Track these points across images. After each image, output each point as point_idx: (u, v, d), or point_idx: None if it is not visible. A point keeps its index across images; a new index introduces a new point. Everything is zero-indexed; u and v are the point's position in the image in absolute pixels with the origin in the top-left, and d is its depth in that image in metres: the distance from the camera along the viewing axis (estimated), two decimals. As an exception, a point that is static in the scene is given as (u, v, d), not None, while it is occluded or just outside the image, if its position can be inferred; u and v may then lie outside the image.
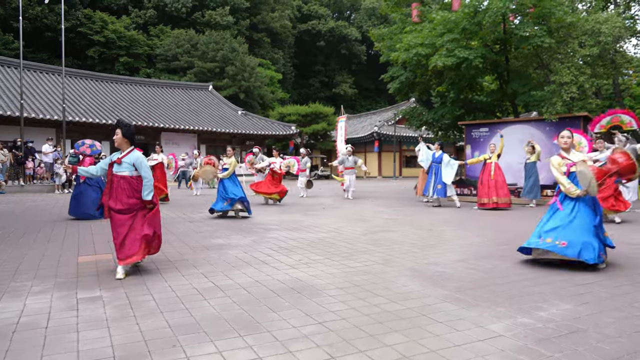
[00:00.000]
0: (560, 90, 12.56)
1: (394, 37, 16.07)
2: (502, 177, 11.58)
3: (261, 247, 6.30)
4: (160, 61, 42.69)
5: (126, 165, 4.80)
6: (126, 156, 4.83)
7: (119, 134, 4.83)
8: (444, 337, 3.03)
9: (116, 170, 4.82)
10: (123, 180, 4.79)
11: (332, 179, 32.75)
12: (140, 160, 4.84)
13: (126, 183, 4.79)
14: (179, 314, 3.51)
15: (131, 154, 4.85)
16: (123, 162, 4.80)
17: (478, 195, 11.91)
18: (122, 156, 4.83)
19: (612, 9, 17.56)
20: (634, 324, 3.26)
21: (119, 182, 4.79)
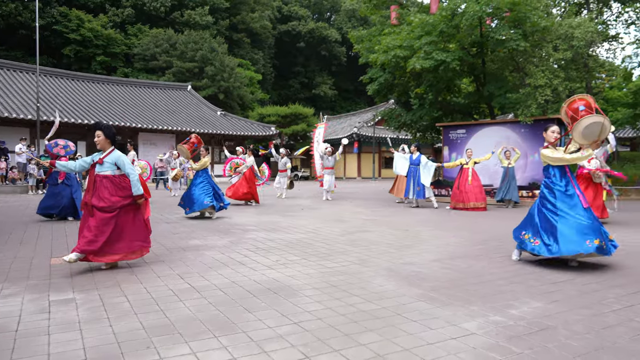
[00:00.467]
0: (535, 93, 12.82)
1: (373, 39, 16.18)
2: (478, 182, 11.81)
3: (238, 248, 6.27)
4: (138, 60, 42.14)
5: (108, 165, 4.97)
6: (107, 156, 4.99)
7: (102, 136, 4.97)
8: (417, 336, 3.07)
9: (98, 170, 4.97)
10: (106, 180, 4.95)
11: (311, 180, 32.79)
12: (122, 160, 5.02)
13: (109, 182, 4.96)
14: (153, 316, 3.47)
15: (112, 153, 5.02)
16: (105, 162, 4.97)
17: (453, 199, 12.09)
18: (104, 156, 4.99)
19: (585, 14, 17.99)
20: (602, 321, 3.35)
21: (102, 181, 4.94)
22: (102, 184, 4.93)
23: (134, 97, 32.27)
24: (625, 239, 7.06)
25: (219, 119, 33.36)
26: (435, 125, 16.48)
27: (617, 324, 3.30)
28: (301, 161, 41.50)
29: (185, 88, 37.04)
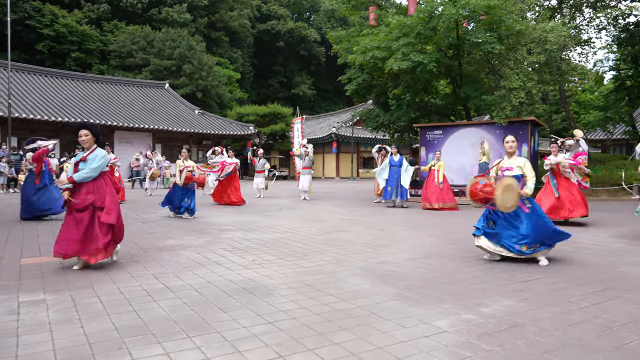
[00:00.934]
0: (510, 95, 13.06)
1: (351, 39, 16.25)
2: (446, 184, 12.07)
3: (215, 248, 6.24)
4: (114, 57, 41.47)
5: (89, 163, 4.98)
6: (91, 154, 5.02)
7: (89, 135, 5.03)
8: (390, 334, 3.11)
9: (82, 167, 4.98)
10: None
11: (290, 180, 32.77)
12: (95, 155, 5.00)
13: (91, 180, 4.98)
14: (126, 316, 3.44)
15: (95, 151, 5.05)
16: (88, 160, 5.00)
17: (422, 200, 12.30)
18: (87, 154, 5.03)
19: (558, 19, 18.39)
20: (569, 318, 3.45)
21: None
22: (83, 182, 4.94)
23: (109, 95, 31.74)
24: (596, 239, 7.27)
25: (196, 118, 33.07)
26: (413, 126, 16.64)
27: (583, 320, 3.39)
28: (279, 160, 41.44)
29: (162, 86, 36.61)
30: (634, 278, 4.69)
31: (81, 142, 5.05)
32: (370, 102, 25.35)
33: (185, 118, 32.28)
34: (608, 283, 4.47)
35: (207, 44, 45.26)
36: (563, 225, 7.99)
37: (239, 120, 36.92)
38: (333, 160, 39.29)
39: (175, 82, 39.07)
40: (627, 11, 18.54)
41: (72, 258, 5.01)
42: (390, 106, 17.40)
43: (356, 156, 39.08)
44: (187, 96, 38.35)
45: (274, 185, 20.95)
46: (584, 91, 35.52)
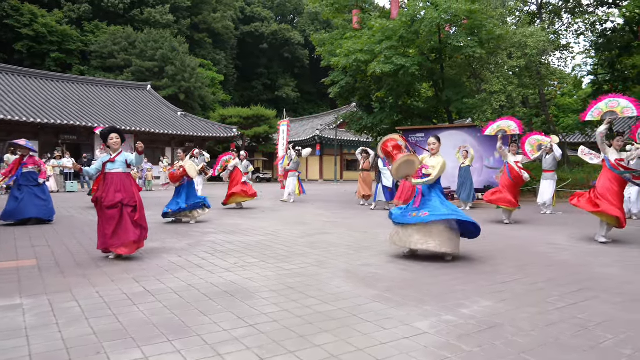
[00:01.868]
0: (491, 99, 13.25)
1: (335, 42, 16.31)
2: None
3: (196, 251, 6.21)
4: (95, 58, 40.93)
5: (119, 164, 5.59)
6: (119, 155, 5.63)
7: (119, 138, 5.68)
8: (371, 336, 3.13)
9: (109, 168, 5.57)
10: (116, 177, 5.56)
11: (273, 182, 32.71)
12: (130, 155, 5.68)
13: (118, 179, 5.56)
14: (105, 320, 3.40)
15: (122, 153, 5.67)
16: (116, 161, 5.59)
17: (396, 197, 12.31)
18: (115, 156, 5.62)
19: (538, 24, 18.70)
20: (546, 319, 3.51)
21: (113, 178, 5.56)
22: (112, 182, 5.52)
23: (90, 96, 31.31)
24: (573, 240, 7.40)
25: (179, 120, 32.80)
26: (396, 128, 16.75)
27: (560, 320, 3.46)
28: (263, 163, 41.33)
29: (144, 87, 36.25)
30: (609, 278, 4.79)
31: (112, 144, 5.62)
32: (354, 105, 25.49)
33: (168, 120, 32.00)
34: (584, 283, 4.56)
35: (190, 45, 44.97)
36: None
37: (222, 122, 36.71)
38: (316, 163, 39.34)
39: (158, 83, 38.71)
40: (604, 17, 18.97)
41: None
42: (374, 109, 17.51)
43: (340, 158, 39.18)
44: (170, 98, 38.03)
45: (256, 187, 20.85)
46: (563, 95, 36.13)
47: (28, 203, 8.86)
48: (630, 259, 5.88)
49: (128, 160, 5.64)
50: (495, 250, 6.47)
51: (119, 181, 5.55)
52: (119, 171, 5.59)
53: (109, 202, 5.42)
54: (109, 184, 5.51)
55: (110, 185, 5.49)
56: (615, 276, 4.90)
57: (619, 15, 18.53)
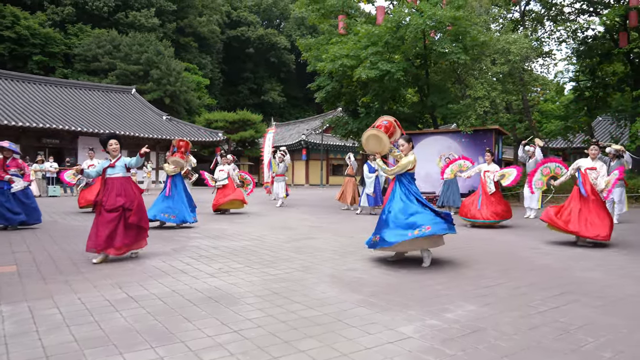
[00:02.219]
0: (475, 104, 13.41)
1: (320, 47, 16.37)
2: None
3: (181, 256, 6.15)
4: (79, 61, 40.42)
5: (119, 168, 5.75)
6: (118, 160, 5.78)
7: (118, 144, 5.82)
8: (356, 341, 3.13)
9: (110, 173, 5.73)
10: (117, 181, 5.72)
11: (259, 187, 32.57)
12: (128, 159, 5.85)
13: (119, 183, 5.72)
14: (87, 327, 3.35)
15: (122, 158, 5.83)
16: (116, 166, 5.75)
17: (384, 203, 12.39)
18: (115, 161, 5.77)
19: (520, 31, 18.98)
20: (529, 322, 3.55)
21: (114, 183, 5.71)
22: (113, 186, 5.68)
23: (73, 99, 30.91)
24: (555, 244, 7.50)
25: (164, 124, 32.54)
26: (381, 133, 16.82)
27: (542, 324, 3.50)
28: (249, 167, 41.20)
29: (129, 91, 35.89)
30: (591, 282, 4.86)
31: (111, 150, 5.76)
32: (340, 110, 25.53)
33: (153, 124, 31.72)
34: (566, 287, 4.62)
35: (175, 49, 44.69)
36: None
37: (208, 126, 36.49)
38: (302, 167, 39.32)
39: (143, 87, 38.37)
40: (585, 25, 19.31)
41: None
42: (360, 114, 17.59)
43: (326, 163, 39.21)
44: (155, 102, 37.72)
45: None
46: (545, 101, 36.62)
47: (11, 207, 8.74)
48: (611, 262, 5.98)
49: (127, 163, 5.80)
50: (480, 254, 6.53)
51: (120, 185, 5.72)
52: (119, 176, 5.76)
53: (110, 206, 5.59)
54: (110, 188, 5.68)
55: (112, 190, 5.67)
56: (597, 280, 4.97)
57: (600, 23, 18.87)
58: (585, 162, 7.51)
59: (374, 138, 5.68)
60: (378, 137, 5.65)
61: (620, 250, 6.90)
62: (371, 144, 5.72)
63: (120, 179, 5.76)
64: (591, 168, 7.36)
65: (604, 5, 20.05)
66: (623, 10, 17.46)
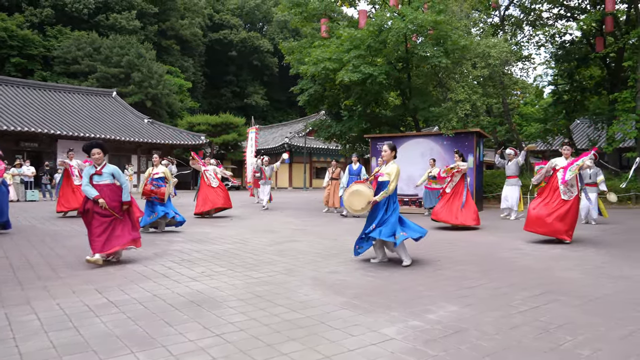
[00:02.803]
0: (456, 107, 13.54)
1: (303, 50, 16.39)
2: None
3: (163, 260, 6.09)
4: (58, 64, 39.80)
5: (107, 175, 5.74)
6: (104, 167, 5.78)
7: (102, 153, 5.75)
8: (339, 343, 3.13)
9: (97, 180, 5.69)
10: (106, 188, 5.71)
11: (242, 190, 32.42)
12: (117, 171, 5.89)
13: (108, 190, 5.72)
14: (66, 333, 3.29)
15: (107, 165, 5.83)
16: (103, 173, 5.73)
17: None
18: (100, 168, 5.75)
19: (500, 35, 19.26)
20: (509, 322, 3.59)
21: (102, 190, 5.67)
22: (102, 192, 5.64)
23: (52, 102, 30.41)
24: (536, 244, 7.61)
25: (146, 127, 32.21)
26: (364, 136, 16.92)
27: (522, 324, 3.54)
28: (232, 171, 40.98)
29: (110, 94, 35.44)
30: (570, 282, 4.94)
31: (95, 159, 5.73)
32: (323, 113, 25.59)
33: (134, 127, 31.37)
34: (546, 287, 4.69)
35: (157, 52, 44.29)
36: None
37: (190, 129, 36.20)
38: (286, 170, 39.24)
39: (124, 90, 37.94)
40: (563, 30, 19.71)
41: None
42: (342, 117, 17.65)
43: (309, 166, 39.21)
44: (136, 105, 37.31)
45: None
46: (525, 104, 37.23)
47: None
48: (590, 262, 6.09)
49: (115, 174, 5.84)
50: (461, 255, 6.60)
51: (110, 192, 5.74)
52: (106, 182, 5.74)
53: (105, 211, 5.63)
54: (101, 195, 5.63)
55: (104, 197, 5.63)
56: (575, 280, 5.06)
57: (577, 28, 19.28)
58: (560, 161, 7.79)
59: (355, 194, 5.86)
60: (358, 192, 5.85)
61: (599, 251, 7.03)
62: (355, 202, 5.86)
63: (109, 185, 5.75)
64: (566, 167, 7.64)
65: (581, 10, 20.49)
66: (599, 16, 17.87)
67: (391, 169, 5.78)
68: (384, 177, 5.83)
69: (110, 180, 5.77)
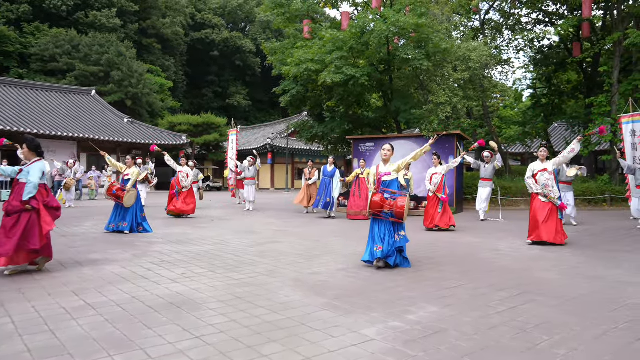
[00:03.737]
0: (437, 110, 13.67)
1: (286, 51, 16.38)
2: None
3: (142, 262, 6.01)
4: (36, 61, 38.99)
5: (24, 174, 5.29)
6: (29, 166, 5.35)
7: (25, 148, 5.40)
8: (319, 344, 3.13)
9: (19, 177, 5.32)
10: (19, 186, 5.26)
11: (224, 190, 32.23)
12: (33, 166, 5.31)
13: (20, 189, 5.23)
14: (41, 337, 3.23)
15: (34, 164, 5.35)
16: (24, 171, 5.33)
17: (348, 207, 12.49)
18: (26, 166, 5.39)
19: (481, 39, 19.52)
20: (488, 322, 3.63)
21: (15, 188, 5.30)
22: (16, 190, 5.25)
23: (29, 101, 29.79)
24: (514, 245, 7.72)
25: (125, 127, 31.77)
26: (346, 137, 16.96)
27: (500, 324, 3.59)
28: (213, 171, 40.72)
29: (89, 93, 34.85)
30: (546, 282, 5.03)
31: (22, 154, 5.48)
32: (305, 114, 25.58)
33: (114, 126, 30.92)
34: (524, 287, 4.76)
35: (137, 50, 43.75)
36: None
37: (171, 129, 35.85)
38: (268, 171, 39.12)
39: (103, 89, 37.37)
40: (542, 35, 20.06)
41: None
42: (325, 118, 17.67)
43: (291, 167, 39.16)
44: (116, 104, 36.78)
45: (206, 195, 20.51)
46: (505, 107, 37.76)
47: None
48: (567, 263, 6.20)
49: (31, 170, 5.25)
50: (441, 256, 6.66)
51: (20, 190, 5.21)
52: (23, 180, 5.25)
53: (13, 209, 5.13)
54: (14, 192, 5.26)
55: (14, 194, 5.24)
56: (552, 280, 5.15)
57: (555, 34, 19.66)
58: (536, 165, 7.94)
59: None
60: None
61: (574, 252, 7.17)
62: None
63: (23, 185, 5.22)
64: (542, 170, 7.78)
65: (559, 16, 20.87)
66: (576, 22, 18.24)
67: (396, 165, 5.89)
68: (390, 175, 5.85)
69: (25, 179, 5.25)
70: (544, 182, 7.75)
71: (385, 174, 5.87)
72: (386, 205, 5.60)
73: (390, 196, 5.71)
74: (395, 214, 5.61)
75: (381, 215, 5.68)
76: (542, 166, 7.89)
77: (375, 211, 5.68)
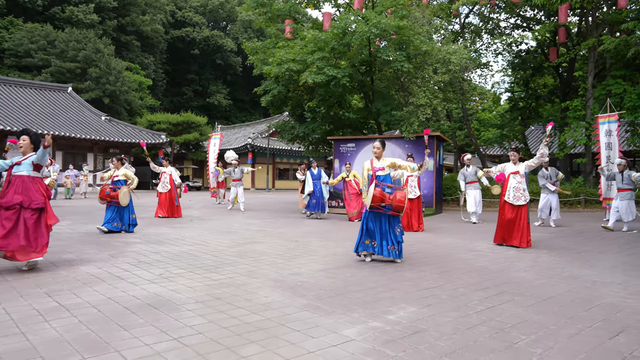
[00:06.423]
0: (417, 112, 13.77)
1: (267, 51, 16.30)
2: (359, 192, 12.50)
3: (118, 262, 5.90)
4: (9, 57, 38.07)
5: (25, 165, 5.31)
6: (27, 158, 5.36)
7: (27, 140, 5.42)
8: (299, 345, 3.11)
9: (15, 171, 5.30)
10: (19, 179, 5.25)
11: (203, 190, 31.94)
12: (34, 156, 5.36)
13: (21, 181, 5.24)
14: (12, 339, 3.13)
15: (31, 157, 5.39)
16: (23, 163, 5.33)
17: (347, 210, 12.57)
18: (24, 159, 5.36)
19: (460, 42, 19.75)
20: (467, 322, 3.66)
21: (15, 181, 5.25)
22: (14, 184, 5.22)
23: (2, 97, 29.09)
24: (492, 246, 7.82)
25: (103, 125, 31.25)
26: (327, 138, 16.96)
27: (479, 323, 3.62)
28: (193, 171, 40.35)
29: (65, 89, 34.19)
30: (523, 282, 5.10)
31: (19, 146, 5.44)
32: (286, 114, 25.51)
33: (91, 124, 30.39)
34: (502, 287, 4.82)
35: (116, 47, 43.08)
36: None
37: (150, 128, 35.39)
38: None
39: (80, 86, 36.69)
40: (520, 39, 20.38)
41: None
42: (306, 118, 17.64)
43: (272, 167, 39.03)
44: (93, 101, 36.16)
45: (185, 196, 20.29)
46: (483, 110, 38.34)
47: None
48: (543, 263, 6.30)
49: (34, 160, 5.34)
50: (421, 257, 6.70)
51: (21, 184, 5.25)
52: (23, 174, 5.30)
53: (7, 203, 5.12)
54: (11, 186, 5.25)
55: (12, 187, 5.22)
56: (529, 280, 5.22)
57: (532, 38, 20.01)
58: (509, 166, 8.07)
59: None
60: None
61: (550, 252, 7.29)
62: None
63: (24, 177, 5.29)
64: (514, 172, 7.89)
65: (536, 21, 21.26)
66: (553, 27, 18.61)
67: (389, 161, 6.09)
68: (384, 170, 6.05)
69: (27, 171, 5.33)
70: (515, 185, 7.84)
71: (379, 169, 6.07)
72: (387, 199, 5.77)
73: (389, 190, 5.92)
74: (394, 208, 5.81)
75: (381, 209, 5.85)
76: (514, 168, 7.99)
77: (376, 205, 5.82)
